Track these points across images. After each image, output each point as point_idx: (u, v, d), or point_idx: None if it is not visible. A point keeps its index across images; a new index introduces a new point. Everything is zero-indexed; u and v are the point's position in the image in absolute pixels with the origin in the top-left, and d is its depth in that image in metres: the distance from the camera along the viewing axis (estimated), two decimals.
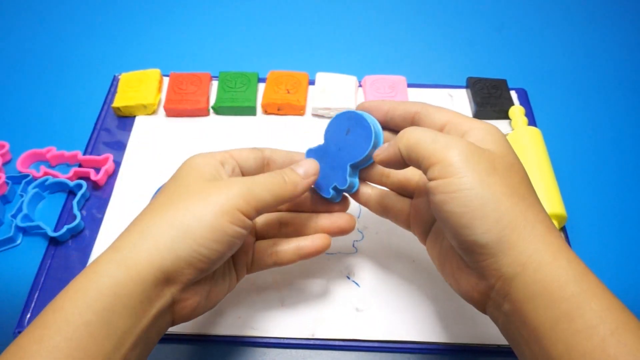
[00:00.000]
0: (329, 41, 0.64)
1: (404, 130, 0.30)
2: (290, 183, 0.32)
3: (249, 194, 0.29)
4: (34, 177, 0.48)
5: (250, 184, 0.30)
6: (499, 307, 0.28)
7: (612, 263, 0.45)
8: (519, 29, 0.66)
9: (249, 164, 0.34)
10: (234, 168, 0.33)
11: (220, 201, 0.28)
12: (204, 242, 0.28)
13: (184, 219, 0.28)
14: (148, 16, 0.67)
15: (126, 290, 0.26)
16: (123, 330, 0.26)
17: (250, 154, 0.34)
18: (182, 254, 0.27)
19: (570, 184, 0.48)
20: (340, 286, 0.42)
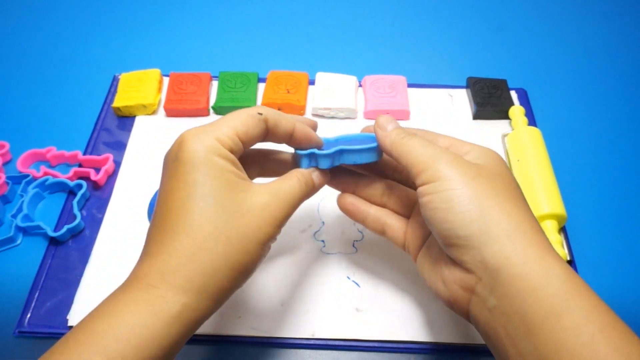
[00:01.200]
0: (329, 41, 0.64)
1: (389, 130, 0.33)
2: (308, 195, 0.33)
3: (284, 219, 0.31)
4: (34, 177, 0.48)
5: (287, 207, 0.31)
6: (484, 303, 0.28)
7: (612, 263, 0.45)
8: (519, 29, 0.66)
9: (254, 141, 0.32)
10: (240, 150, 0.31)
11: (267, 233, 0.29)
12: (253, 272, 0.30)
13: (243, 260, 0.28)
14: (148, 16, 0.67)
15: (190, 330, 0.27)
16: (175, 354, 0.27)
17: (255, 129, 0.31)
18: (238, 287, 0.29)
19: (570, 184, 0.48)
20: (340, 286, 0.42)
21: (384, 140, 0.33)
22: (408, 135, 0.32)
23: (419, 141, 0.31)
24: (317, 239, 0.45)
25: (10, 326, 0.40)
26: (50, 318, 0.40)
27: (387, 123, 0.33)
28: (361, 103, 0.55)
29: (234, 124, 0.30)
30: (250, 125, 0.31)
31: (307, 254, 0.43)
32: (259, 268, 0.42)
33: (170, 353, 0.26)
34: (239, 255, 0.28)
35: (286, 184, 0.31)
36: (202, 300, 0.27)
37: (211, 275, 0.27)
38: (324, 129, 0.53)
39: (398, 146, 0.32)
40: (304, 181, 0.32)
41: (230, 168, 0.29)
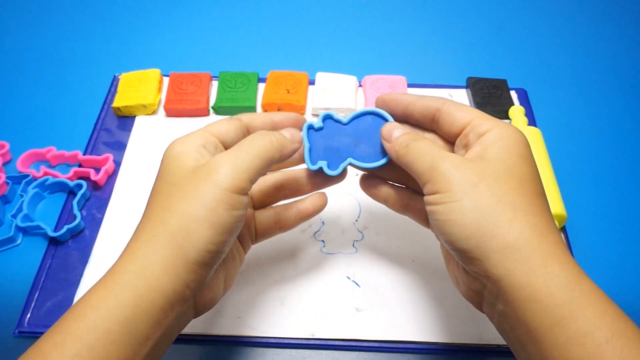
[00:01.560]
0: (329, 41, 0.64)
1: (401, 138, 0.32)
2: (277, 142, 0.31)
3: (235, 170, 0.28)
4: (34, 177, 0.48)
5: (234, 158, 0.29)
6: (493, 307, 0.28)
7: (612, 263, 0.45)
8: (519, 29, 0.66)
9: (230, 137, 0.32)
10: (217, 146, 0.31)
11: (210, 191, 0.28)
12: (208, 239, 0.28)
13: (182, 223, 0.27)
14: (148, 16, 0.67)
15: (147, 301, 0.26)
16: (144, 336, 0.26)
17: (230, 126, 0.32)
18: (191, 258, 0.27)
19: (570, 184, 0.48)
20: (340, 286, 0.42)
21: (390, 152, 0.33)
22: (412, 141, 0.31)
23: (421, 148, 0.30)
24: (317, 239, 0.45)
25: (10, 326, 0.40)
26: (50, 318, 0.40)
27: (390, 133, 0.33)
28: (361, 103, 0.55)
29: (207, 127, 0.32)
30: (223, 123, 0.32)
31: (307, 254, 0.43)
32: (259, 269, 0.42)
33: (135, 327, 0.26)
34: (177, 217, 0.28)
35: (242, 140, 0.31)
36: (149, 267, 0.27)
37: (152, 240, 0.28)
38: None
39: (402, 157, 0.31)
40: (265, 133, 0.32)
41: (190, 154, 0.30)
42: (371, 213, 0.46)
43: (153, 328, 0.27)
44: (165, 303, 0.27)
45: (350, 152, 0.35)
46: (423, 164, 0.30)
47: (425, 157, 0.30)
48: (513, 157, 0.29)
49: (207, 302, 0.31)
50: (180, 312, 0.28)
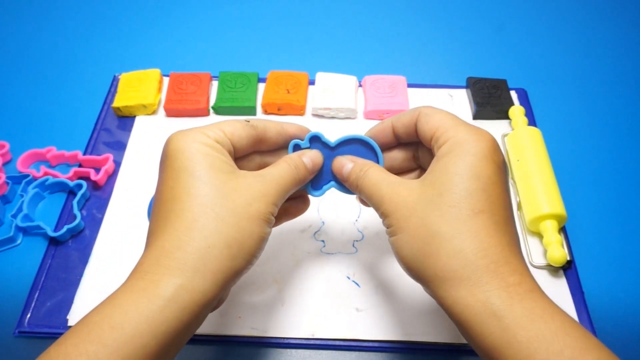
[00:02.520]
0: (329, 41, 0.64)
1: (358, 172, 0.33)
2: (302, 176, 0.33)
3: (277, 197, 0.30)
4: (34, 177, 0.48)
5: (277, 186, 0.30)
6: None
7: (612, 263, 0.45)
8: (519, 29, 0.66)
9: (241, 144, 0.32)
10: (230, 150, 0.31)
11: (262, 210, 0.29)
12: (256, 252, 0.29)
13: (238, 236, 0.28)
14: (148, 16, 0.67)
15: (191, 314, 0.26)
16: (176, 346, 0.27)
17: (243, 132, 0.32)
18: (239, 268, 0.28)
19: (570, 184, 0.48)
20: (340, 286, 0.42)
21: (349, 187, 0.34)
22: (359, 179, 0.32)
23: (368, 185, 0.31)
24: (317, 239, 0.44)
25: (10, 326, 0.40)
26: (50, 318, 0.40)
27: (340, 171, 0.34)
28: (361, 103, 0.55)
29: (221, 125, 0.31)
30: (238, 127, 0.32)
31: (307, 254, 0.43)
32: (259, 269, 0.42)
33: (170, 339, 0.25)
34: (232, 230, 0.28)
35: (274, 168, 0.32)
36: (198, 280, 0.26)
37: (205, 253, 0.27)
38: (324, 129, 0.53)
39: (359, 195, 0.33)
40: (293, 164, 0.32)
41: (216, 153, 0.29)
42: (371, 213, 0.46)
43: (185, 337, 0.27)
44: (205, 313, 0.28)
45: (334, 176, 0.35)
46: (372, 204, 0.32)
47: (372, 197, 0.31)
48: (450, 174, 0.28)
49: (220, 303, 0.32)
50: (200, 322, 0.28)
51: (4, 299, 0.42)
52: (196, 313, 0.26)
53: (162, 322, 0.25)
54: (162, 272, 0.26)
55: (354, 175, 0.33)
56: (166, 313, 0.25)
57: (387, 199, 0.30)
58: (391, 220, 0.29)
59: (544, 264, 0.43)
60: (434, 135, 0.31)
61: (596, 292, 0.42)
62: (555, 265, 0.42)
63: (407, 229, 0.28)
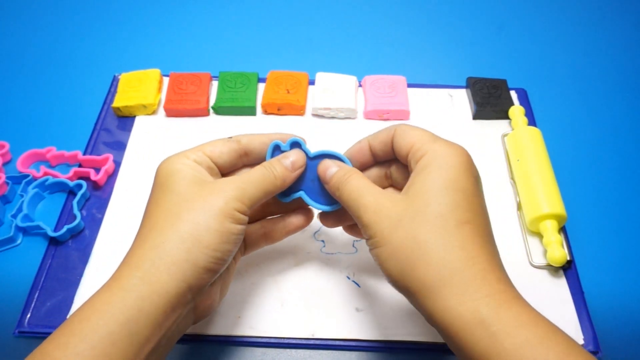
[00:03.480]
0: (329, 41, 0.64)
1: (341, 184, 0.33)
2: (280, 178, 0.33)
3: (242, 194, 0.31)
4: (34, 177, 0.48)
5: (242, 184, 0.31)
6: None
7: (612, 263, 0.45)
8: (519, 29, 0.66)
9: (223, 159, 0.34)
10: (209, 166, 0.33)
11: (219, 205, 0.30)
12: (215, 247, 0.30)
13: (193, 231, 0.29)
14: (148, 16, 0.67)
15: (150, 304, 0.27)
16: (145, 338, 0.27)
17: (224, 148, 0.34)
18: (199, 262, 0.29)
19: (570, 184, 0.48)
20: (340, 286, 0.42)
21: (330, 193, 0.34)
22: (343, 183, 0.32)
23: (351, 191, 0.32)
24: (317, 239, 0.45)
25: (10, 326, 0.40)
26: (50, 318, 0.40)
27: (325, 172, 0.34)
28: (361, 103, 0.55)
29: (202, 146, 0.34)
30: (217, 144, 0.34)
31: (307, 254, 0.43)
32: (259, 269, 0.42)
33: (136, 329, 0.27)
34: (186, 225, 0.29)
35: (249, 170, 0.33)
36: (154, 272, 0.28)
37: (160, 247, 0.29)
38: (324, 129, 0.53)
39: (339, 199, 0.33)
40: (268, 166, 0.33)
41: (190, 170, 0.32)
42: None
43: (154, 330, 0.27)
44: (168, 306, 0.28)
45: (306, 186, 0.36)
46: (352, 210, 0.32)
47: (353, 203, 0.31)
48: (435, 187, 0.29)
49: (205, 308, 0.32)
50: (181, 315, 0.29)
51: (4, 299, 0.42)
52: (159, 305, 0.28)
53: (123, 311, 0.27)
54: (124, 268, 0.29)
55: (337, 178, 0.33)
56: (126, 302, 0.27)
57: (371, 209, 0.30)
58: (374, 231, 0.30)
59: (544, 264, 0.43)
60: (410, 149, 0.32)
61: (596, 292, 0.42)
62: (555, 265, 0.42)
63: (393, 241, 0.29)
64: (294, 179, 0.34)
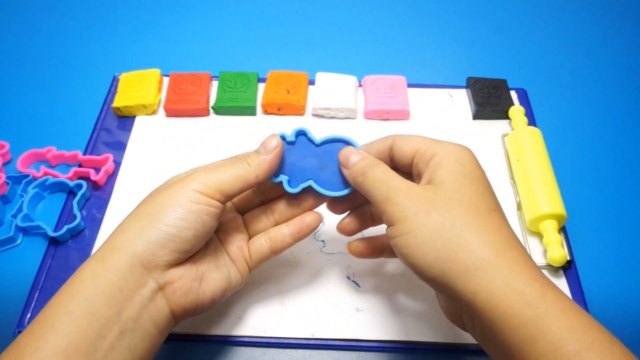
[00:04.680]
0: (329, 41, 0.64)
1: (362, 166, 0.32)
2: (254, 164, 0.33)
3: (208, 178, 0.31)
4: (34, 177, 0.48)
5: (210, 170, 0.32)
6: (473, 328, 0.29)
7: (612, 263, 0.45)
8: (519, 29, 0.66)
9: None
10: None
11: (179, 186, 0.31)
12: (170, 222, 0.30)
13: (150, 210, 0.31)
14: (148, 16, 0.67)
15: (104, 280, 0.28)
16: (106, 318, 0.27)
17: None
18: (152, 238, 0.30)
19: (570, 184, 0.48)
20: (340, 286, 0.42)
21: (348, 179, 0.33)
22: (369, 168, 0.32)
23: (378, 176, 0.31)
24: (317, 239, 0.45)
25: (10, 326, 0.40)
26: None
27: (347, 158, 0.33)
28: (361, 103, 0.55)
29: None
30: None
31: (307, 254, 0.43)
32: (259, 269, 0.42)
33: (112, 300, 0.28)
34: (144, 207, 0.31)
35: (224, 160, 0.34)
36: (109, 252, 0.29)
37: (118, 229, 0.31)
38: (324, 129, 0.53)
39: (360, 185, 0.32)
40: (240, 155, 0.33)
41: None
42: None
43: (113, 309, 0.28)
44: (122, 282, 0.28)
45: (315, 174, 0.35)
46: (379, 194, 0.30)
47: (381, 186, 0.30)
48: (459, 177, 0.29)
49: (177, 294, 0.31)
50: (143, 296, 0.29)
51: (4, 299, 0.42)
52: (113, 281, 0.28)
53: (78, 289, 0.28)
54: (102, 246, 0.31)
55: (362, 164, 0.32)
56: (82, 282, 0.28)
57: (403, 192, 0.29)
58: (406, 214, 0.28)
59: (544, 264, 0.43)
60: (416, 154, 0.32)
61: (596, 292, 0.42)
62: (555, 265, 0.42)
63: (428, 224, 0.28)
64: (273, 162, 0.33)
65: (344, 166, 0.34)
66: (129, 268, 0.29)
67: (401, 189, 0.30)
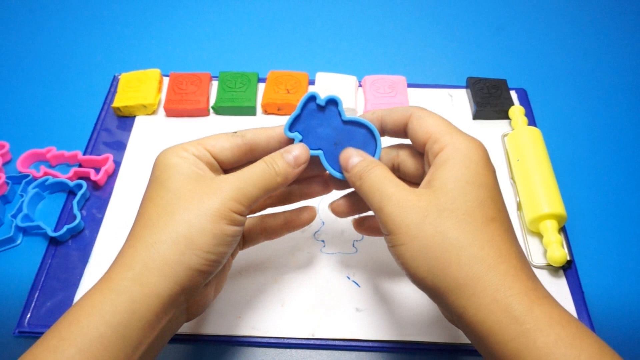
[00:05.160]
0: (329, 41, 0.64)
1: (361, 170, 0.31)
2: (281, 175, 0.32)
3: (240, 194, 0.30)
4: (34, 177, 0.48)
5: (241, 183, 0.30)
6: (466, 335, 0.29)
7: (612, 263, 0.45)
8: (519, 29, 0.66)
9: (225, 155, 0.32)
10: (209, 161, 0.32)
11: (215, 206, 0.29)
12: (209, 249, 0.29)
13: (186, 232, 0.28)
14: (148, 16, 0.67)
15: (142, 307, 0.27)
16: (137, 341, 0.27)
17: (227, 143, 0.32)
18: (192, 265, 0.28)
19: (570, 184, 0.48)
20: (340, 286, 0.42)
21: (349, 182, 0.33)
22: (366, 172, 0.31)
23: (373, 182, 0.30)
24: (317, 239, 0.45)
25: (10, 326, 0.40)
26: (50, 318, 0.40)
27: (347, 161, 0.32)
28: (361, 103, 0.55)
29: (203, 140, 0.32)
30: (220, 139, 0.32)
31: (307, 254, 0.43)
32: (259, 269, 0.42)
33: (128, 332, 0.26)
34: (179, 226, 0.28)
35: (250, 166, 0.31)
36: (146, 273, 0.27)
37: (152, 248, 0.28)
38: None
39: (358, 190, 0.32)
40: (270, 161, 0.32)
41: (188, 164, 0.30)
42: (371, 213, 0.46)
43: (146, 332, 0.27)
44: (160, 308, 0.27)
45: (327, 147, 0.34)
46: (374, 202, 0.30)
47: (375, 194, 0.30)
48: (460, 183, 0.28)
49: (199, 307, 0.32)
50: (174, 316, 0.29)
51: (4, 299, 0.42)
52: (148, 306, 0.27)
53: (114, 314, 0.26)
54: (115, 268, 0.28)
55: (359, 168, 0.31)
56: (117, 305, 0.26)
57: (394, 201, 0.29)
58: (398, 226, 0.28)
59: (544, 264, 0.43)
60: (428, 140, 0.31)
61: (596, 292, 0.42)
62: (555, 265, 0.42)
63: (420, 237, 0.27)
64: (296, 175, 0.32)
65: (344, 169, 0.33)
66: (168, 295, 0.28)
67: (393, 198, 0.29)
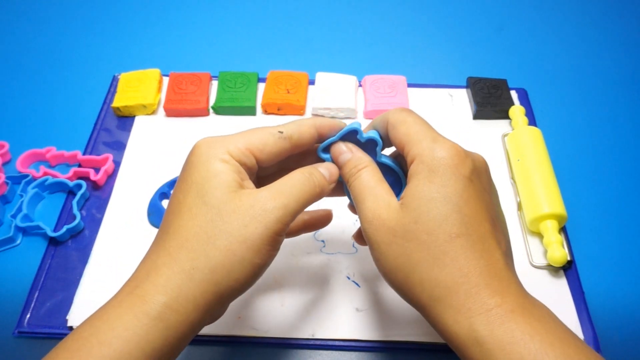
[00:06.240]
0: (329, 41, 0.64)
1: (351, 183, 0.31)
2: (319, 186, 0.31)
3: (284, 213, 0.28)
4: (34, 177, 0.48)
5: (285, 199, 0.28)
6: None
7: (612, 263, 0.45)
8: (519, 29, 0.66)
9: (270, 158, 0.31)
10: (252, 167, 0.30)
11: (258, 232, 0.27)
12: (245, 280, 0.28)
13: (225, 261, 0.27)
14: (148, 16, 0.67)
15: (175, 334, 0.26)
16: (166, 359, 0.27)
17: (274, 148, 0.30)
18: (225, 294, 0.27)
19: (570, 184, 0.48)
20: (340, 286, 0.42)
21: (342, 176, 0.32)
22: (352, 176, 0.31)
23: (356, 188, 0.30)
24: (317, 239, 0.44)
25: (10, 326, 0.40)
26: (50, 318, 0.40)
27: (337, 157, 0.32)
28: (361, 103, 0.55)
29: (250, 139, 0.30)
30: (268, 143, 0.30)
31: (307, 254, 0.43)
32: None
33: (157, 356, 0.26)
34: (220, 255, 0.27)
35: (287, 179, 0.30)
36: (181, 301, 0.26)
37: (189, 274, 0.26)
38: None
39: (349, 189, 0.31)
40: (307, 173, 0.30)
41: (230, 172, 0.28)
42: None
43: (174, 352, 0.27)
44: (190, 334, 0.27)
45: None
46: (356, 205, 0.30)
47: (356, 203, 0.30)
48: (423, 200, 0.27)
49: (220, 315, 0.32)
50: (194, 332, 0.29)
51: (4, 299, 0.42)
52: (181, 333, 0.26)
53: (148, 342, 0.25)
54: (149, 288, 0.26)
55: (348, 169, 0.31)
56: (153, 332, 0.25)
57: (368, 218, 0.29)
58: (371, 242, 0.29)
59: (544, 264, 0.43)
60: (403, 150, 0.30)
61: (596, 292, 0.42)
62: (556, 265, 0.42)
63: (389, 257, 0.28)
64: (329, 192, 0.32)
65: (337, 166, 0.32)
66: (199, 322, 0.27)
67: (367, 214, 0.29)
